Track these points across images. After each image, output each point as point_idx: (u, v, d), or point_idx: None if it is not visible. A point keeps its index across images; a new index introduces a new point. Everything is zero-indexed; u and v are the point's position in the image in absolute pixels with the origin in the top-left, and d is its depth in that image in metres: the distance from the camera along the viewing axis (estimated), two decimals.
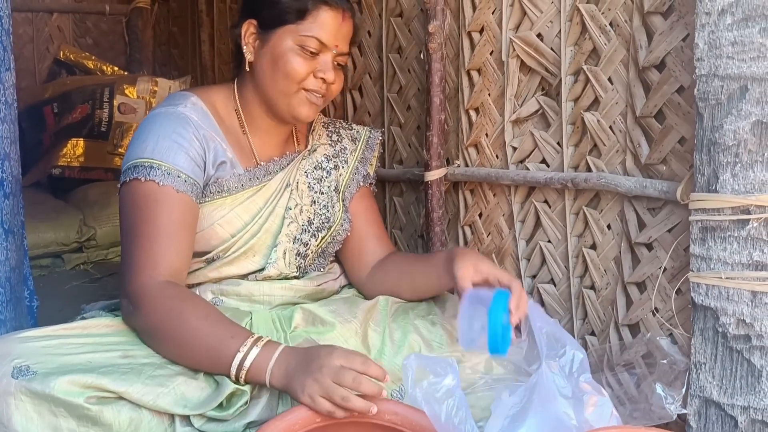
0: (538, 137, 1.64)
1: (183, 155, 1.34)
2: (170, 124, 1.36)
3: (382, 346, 1.36)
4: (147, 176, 1.30)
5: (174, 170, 1.31)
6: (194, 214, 1.35)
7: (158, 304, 1.23)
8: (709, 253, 1.14)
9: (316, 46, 1.38)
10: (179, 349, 1.22)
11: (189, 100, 1.42)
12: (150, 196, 1.30)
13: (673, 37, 1.28)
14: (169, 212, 1.30)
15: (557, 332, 1.24)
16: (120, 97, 3.32)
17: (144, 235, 1.29)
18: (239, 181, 1.43)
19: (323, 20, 1.38)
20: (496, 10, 1.71)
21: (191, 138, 1.36)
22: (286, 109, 1.42)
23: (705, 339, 1.16)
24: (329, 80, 1.40)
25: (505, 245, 1.77)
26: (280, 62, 1.38)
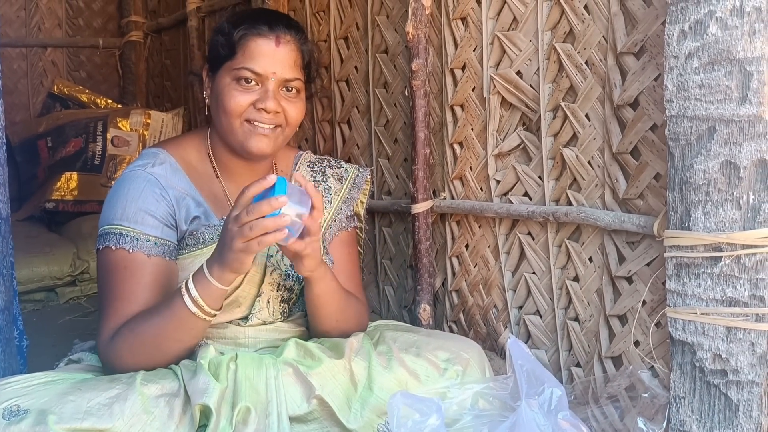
0: (520, 171, 1.67)
1: (150, 219, 1.35)
2: (137, 186, 1.37)
3: (369, 382, 1.37)
4: (117, 244, 1.33)
5: (143, 235, 1.33)
6: (167, 275, 1.36)
7: (116, 347, 1.29)
8: (685, 289, 1.16)
9: (251, 77, 1.35)
10: (158, 348, 1.27)
11: (158, 157, 1.42)
12: (120, 264, 1.33)
13: (645, 76, 1.32)
14: (140, 277, 1.32)
15: (537, 369, 1.26)
16: (113, 130, 3.35)
17: (112, 298, 1.33)
18: (215, 231, 1.41)
19: (253, 49, 1.36)
20: (477, 47, 1.75)
21: (159, 199, 1.37)
22: (238, 145, 1.40)
23: (683, 373, 1.18)
24: (269, 109, 1.35)
25: (492, 276, 1.79)
26: (220, 99, 1.38)
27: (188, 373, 1.25)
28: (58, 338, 2.39)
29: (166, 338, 1.26)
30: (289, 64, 1.39)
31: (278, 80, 1.38)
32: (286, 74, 1.38)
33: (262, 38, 1.37)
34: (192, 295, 1.21)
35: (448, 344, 1.48)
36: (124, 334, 1.28)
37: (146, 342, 1.26)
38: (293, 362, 1.34)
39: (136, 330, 1.26)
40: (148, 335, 1.26)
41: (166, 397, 1.23)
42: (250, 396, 1.26)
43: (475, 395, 1.39)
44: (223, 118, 1.38)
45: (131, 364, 1.28)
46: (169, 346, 1.28)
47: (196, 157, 1.46)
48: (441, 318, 1.98)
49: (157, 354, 1.29)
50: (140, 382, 1.23)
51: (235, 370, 1.29)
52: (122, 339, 1.28)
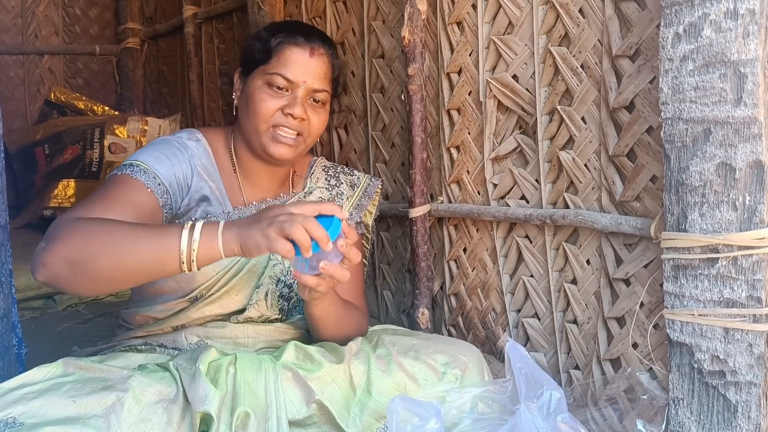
0: (517, 174, 1.67)
1: (167, 166, 1.38)
2: (168, 145, 1.43)
3: (368, 386, 1.37)
4: (125, 171, 1.34)
5: (151, 171, 1.35)
6: (153, 214, 1.33)
7: (80, 225, 1.15)
8: (682, 291, 1.17)
9: (282, 83, 1.43)
10: (114, 253, 1.12)
11: (195, 135, 1.50)
12: (118, 180, 1.32)
13: (640, 79, 1.32)
14: (129, 193, 1.29)
15: (536, 372, 1.26)
16: (110, 136, 3.35)
17: (94, 198, 1.27)
18: (228, 218, 1.46)
19: (288, 57, 1.44)
20: (473, 52, 1.76)
21: (183, 160, 1.42)
22: (260, 147, 1.46)
23: (682, 375, 1.18)
24: (296, 115, 1.42)
25: (490, 279, 1.79)
26: (250, 100, 1.45)
27: (187, 378, 1.25)
28: (57, 345, 2.39)
29: (133, 251, 1.13)
30: (320, 75, 1.46)
31: (308, 89, 1.44)
32: (315, 84, 1.45)
33: (298, 47, 1.45)
34: (193, 236, 1.14)
35: (446, 348, 1.48)
36: (95, 220, 1.17)
37: (112, 238, 1.13)
38: (292, 366, 1.34)
39: (113, 224, 1.16)
40: (119, 234, 1.14)
41: (163, 403, 1.22)
42: (249, 401, 1.26)
43: (474, 399, 1.39)
44: (252, 119, 1.44)
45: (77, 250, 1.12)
46: (126, 261, 1.13)
47: (221, 149, 1.53)
48: (440, 322, 1.98)
49: (107, 257, 1.13)
50: (136, 386, 1.22)
51: (234, 374, 1.29)
52: (89, 222, 1.15)
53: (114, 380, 1.24)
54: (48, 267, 1.13)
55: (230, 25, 3.06)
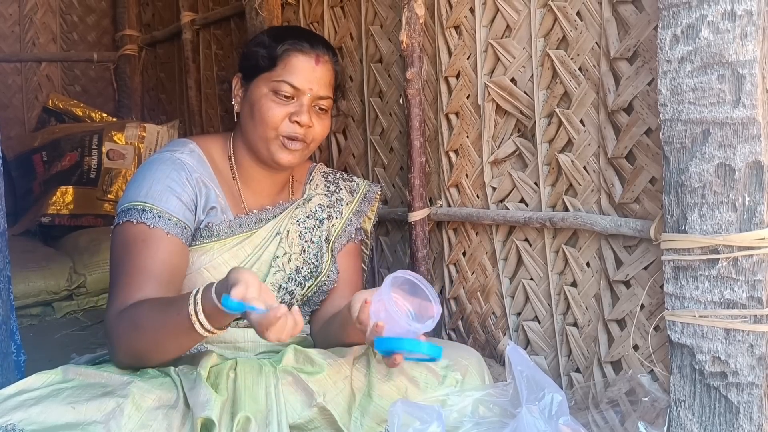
0: (516, 178, 1.67)
1: (175, 200, 1.38)
2: (165, 169, 1.41)
3: (369, 389, 1.37)
4: (139, 219, 1.34)
5: (165, 214, 1.36)
6: (183, 257, 1.38)
7: (119, 326, 1.27)
8: (682, 292, 1.17)
9: (289, 91, 1.43)
10: (154, 344, 1.25)
11: (187, 146, 1.48)
12: (139, 237, 1.34)
13: (639, 81, 1.33)
14: (155, 252, 1.33)
15: (537, 375, 1.26)
16: (108, 143, 3.35)
17: (126, 272, 1.32)
18: (229, 227, 1.46)
19: (294, 65, 1.45)
20: (471, 55, 1.76)
21: (184, 183, 1.41)
22: (266, 155, 1.46)
23: (683, 376, 1.18)
24: (303, 123, 1.43)
25: (490, 283, 1.79)
26: (256, 108, 1.45)
27: (188, 383, 1.25)
28: (55, 353, 2.38)
29: (164, 337, 1.24)
30: (325, 82, 1.47)
31: (313, 96, 1.46)
32: (321, 91, 1.46)
33: (304, 55, 1.46)
34: (196, 309, 1.18)
35: (447, 351, 1.47)
36: (128, 319, 1.27)
37: (146, 334, 1.25)
38: (293, 370, 1.34)
39: (138, 320, 1.25)
40: (148, 329, 1.24)
41: (163, 409, 1.22)
42: (249, 405, 1.25)
43: (475, 402, 1.39)
44: (258, 127, 1.45)
45: (129, 348, 1.27)
46: (165, 345, 1.27)
47: (219, 156, 1.53)
48: (439, 326, 1.98)
49: (153, 348, 1.27)
50: (135, 392, 1.22)
51: (235, 379, 1.29)
52: (125, 322, 1.27)
53: (114, 386, 1.24)
54: (121, 364, 1.31)
55: (228, 32, 3.06)
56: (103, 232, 3.15)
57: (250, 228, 1.49)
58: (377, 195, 1.71)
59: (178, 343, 1.26)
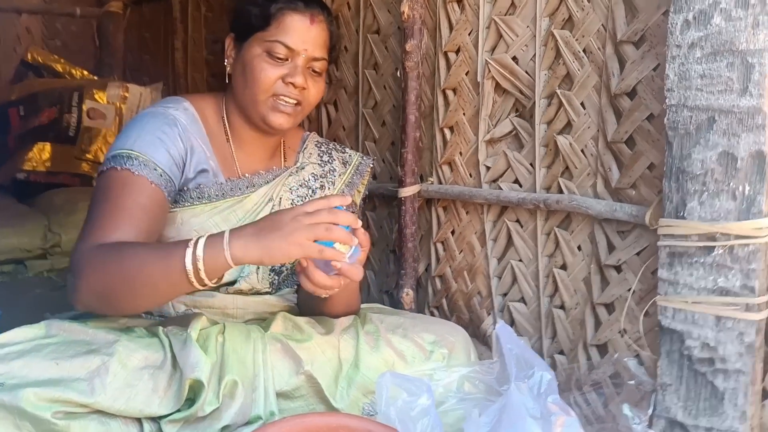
0: (511, 158, 1.67)
1: (163, 151, 1.34)
2: (156, 121, 1.37)
3: (356, 360, 1.36)
4: (123, 165, 1.30)
5: (151, 163, 1.31)
6: (162, 208, 1.33)
7: (95, 258, 1.18)
8: (676, 278, 1.17)
9: (283, 51, 1.40)
10: (133, 285, 1.16)
11: (181, 104, 1.44)
12: (120, 181, 1.29)
13: (644, 66, 1.32)
14: (136, 196, 1.28)
15: (526, 354, 1.27)
16: (89, 101, 3.27)
17: (102, 212, 1.26)
18: (220, 189, 1.43)
19: (288, 24, 1.40)
20: (473, 31, 1.74)
21: (175, 137, 1.37)
22: (258, 117, 1.43)
23: (671, 361, 1.19)
24: (297, 84, 1.39)
25: (477, 263, 1.79)
26: (248, 69, 1.41)
27: (177, 344, 1.23)
28: (28, 312, 2.32)
29: (147, 278, 1.16)
30: (319, 43, 1.43)
31: (308, 57, 1.41)
32: (315, 52, 1.42)
33: (298, 14, 1.41)
34: (196, 253, 1.13)
35: (433, 327, 1.48)
36: (107, 252, 1.18)
37: (126, 271, 1.16)
38: (281, 337, 1.33)
39: (124, 254, 1.17)
40: (132, 265, 1.16)
41: (149, 369, 1.20)
42: (237, 369, 1.24)
43: (461, 378, 1.39)
44: (251, 88, 1.40)
45: (99, 286, 1.17)
46: (144, 288, 1.17)
47: (212, 117, 1.49)
48: (422, 303, 1.98)
49: (128, 288, 1.17)
50: (122, 351, 1.19)
51: (223, 343, 1.27)
52: (103, 256, 1.17)
53: (99, 344, 1.21)
54: (80, 303, 1.22)
55: None
56: (81, 191, 3.08)
57: (242, 192, 1.47)
58: (369, 167, 1.69)
59: (157, 289, 1.17)
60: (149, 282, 1.16)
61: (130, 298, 1.19)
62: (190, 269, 1.13)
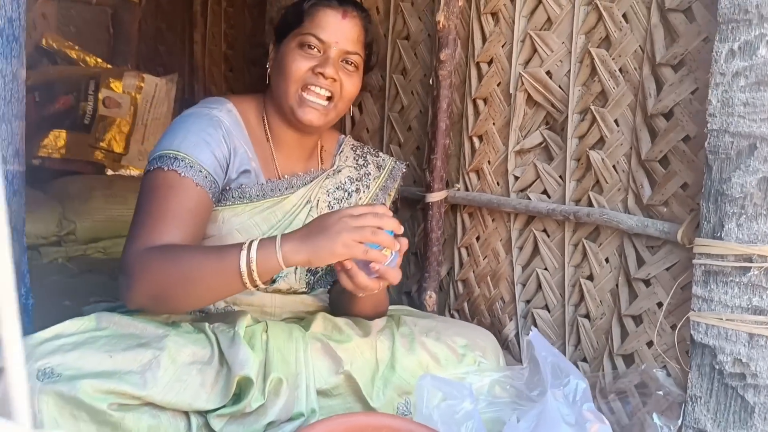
0: (540, 169, 1.71)
1: (208, 153, 1.37)
2: (201, 122, 1.40)
3: (392, 361, 1.41)
4: (170, 166, 1.33)
5: (197, 164, 1.34)
6: (207, 210, 1.37)
7: (150, 261, 1.23)
8: (711, 295, 1.22)
9: (315, 43, 1.44)
10: (188, 286, 1.21)
11: (225, 105, 1.47)
12: (168, 183, 1.32)
13: (682, 89, 1.37)
14: (182, 199, 1.31)
15: (561, 362, 1.31)
16: (105, 90, 3.28)
17: (150, 214, 1.30)
18: (261, 190, 1.47)
19: (320, 18, 1.45)
20: (506, 44, 1.78)
21: (220, 139, 1.40)
22: (290, 111, 1.45)
23: (702, 374, 1.25)
24: (327, 74, 1.42)
25: (501, 269, 1.84)
26: (282, 62, 1.46)
27: (225, 341, 1.26)
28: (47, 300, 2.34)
29: (202, 280, 1.21)
30: (352, 37, 1.46)
31: (340, 50, 1.44)
32: (348, 46, 1.45)
33: (330, 9, 1.46)
34: (249, 256, 1.19)
35: (464, 332, 1.53)
36: (161, 255, 1.23)
37: (182, 272, 1.21)
38: (321, 337, 1.37)
39: (179, 257, 1.22)
40: (187, 267, 1.21)
41: (198, 365, 1.23)
42: (281, 367, 1.28)
43: (492, 382, 1.44)
44: (282, 81, 1.44)
45: (153, 286, 1.22)
46: (199, 289, 1.23)
47: (253, 118, 1.52)
48: (443, 306, 2.02)
49: (183, 289, 1.23)
50: (171, 346, 1.23)
51: (267, 341, 1.31)
52: (159, 258, 1.22)
53: (149, 338, 1.24)
54: (134, 303, 1.26)
55: None
56: (95, 179, 3.10)
57: (281, 193, 1.50)
58: (402, 172, 1.73)
59: (213, 289, 1.23)
60: (204, 284, 1.21)
61: (184, 298, 1.24)
62: (244, 270, 1.18)
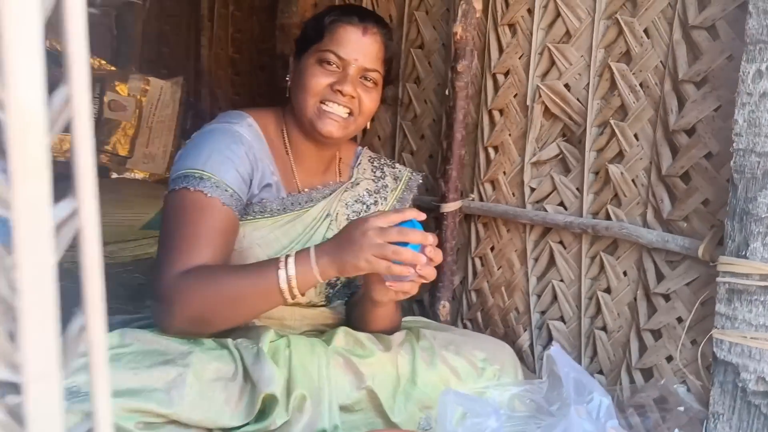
0: (557, 181, 1.72)
1: (233, 171, 1.37)
2: (225, 139, 1.40)
3: (413, 376, 1.41)
4: (196, 186, 1.33)
5: (223, 184, 1.34)
6: (235, 229, 1.38)
7: (191, 285, 1.24)
8: (735, 313, 1.23)
9: (334, 60, 1.43)
10: (231, 307, 1.25)
11: (245, 120, 1.46)
12: (196, 204, 1.32)
13: (705, 106, 1.38)
14: (211, 220, 1.32)
15: (584, 378, 1.32)
16: (110, 93, 3.26)
17: (182, 237, 1.30)
18: (282, 204, 1.46)
19: (340, 35, 1.44)
20: (523, 55, 1.79)
21: (243, 156, 1.40)
22: (309, 124, 1.45)
23: (724, 392, 1.25)
24: (346, 92, 1.42)
25: (516, 280, 1.84)
26: (302, 77, 1.45)
27: (249, 357, 1.26)
28: None
29: (243, 300, 1.25)
30: (372, 54, 1.45)
31: (359, 67, 1.44)
32: (367, 63, 1.44)
33: (351, 26, 1.45)
34: (288, 273, 1.21)
35: (483, 345, 1.53)
36: (198, 278, 1.24)
37: (223, 295, 1.23)
38: (343, 352, 1.37)
39: (218, 279, 1.24)
40: (228, 289, 1.24)
41: (222, 381, 1.23)
42: (304, 383, 1.28)
43: (511, 397, 1.45)
44: (301, 95, 1.44)
45: (195, 310, 1.24)
46: (242, 309, 1.27)
47: (273, 131, 1.52)
48: (456, 315, 2.03)
49: (226, 311, 1.26)
50: (196, 362, 1.23)
51: (290, 356, 1.31)
52: (198, 282, 1.24)
53: (173, 355, 1.24)
54: (173, 328, 1.28)
55: None
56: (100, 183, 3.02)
57: (301, 207, 1.50)
58: (419, 182, 1.73)
59: (256, 306, 1.27)
60: (247, 303, 1.25)
61: (227, 319, 1.28)
62: (285, 288, 1.21)
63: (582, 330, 1.67)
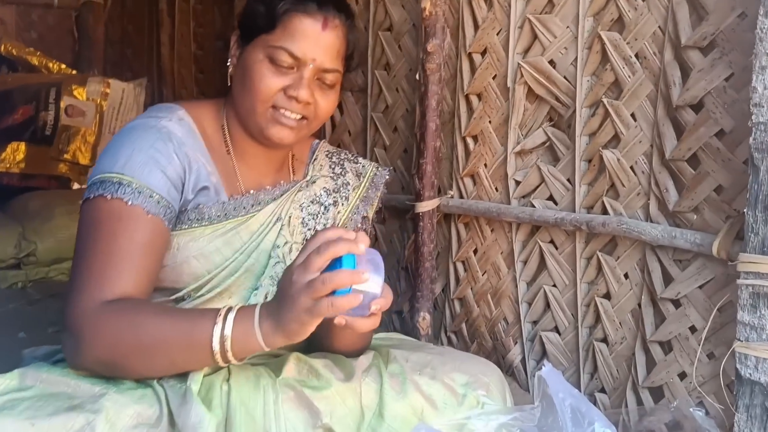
0: (545, 172, 1.50)
1: (159, 173, 1.16)
2: (149, 137, 1.18)
3: (380, 408, 1.20)
4: (114, 193, 1.12)
5: (146, 189, 1.13)
6: (163, 240, 1.17)
7: (104, 323, 1.04)
8: (761, 322, 1.02)
9: (287, 60, 1.19)
10: (146, 358, 1.04)
11: (176, 113, 1.24)
12: (113, 215, 1.12)
13: (714, 75, 1.16)
14: (132, 233, 1.12)
15: (582, 405, 1.11)
16: (67, 98, 3.05)
17: (96, 255, 1.10)
18: (223, 209, 1.24)
19: (295, 29, 1.20)
20: (502, 31, 1.57)
21: (171, 155, 1.18)
22: (257, 130, 1.24)
23: (751, 417, 1.04)
24: (301, 99, 1.20)
25: (503, 286, 1.63)
26: (248, 75, 1.22)
27: (175, 398, 1.04)
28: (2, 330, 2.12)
29: (164, 351, 1.03)
30: (332, 52, 1.21)
31: (316, 68, 1.20)
32: (326, 63, 1.20)
33: (309, 17, 1.20)
34: (224, 332, 0.99)
35: (465, 366, 1.31)
36: (116, 316, 1.04)
37: (141, 341, 1.03)
38: (295, 384, 1.15)
39: (139, 320, 1.04)
40: (148, 335, 1.03)
41: (143, 428, 1.02)
42: (245, 426, 1.06)
43: (499, 426, 1.23)
44: (248, 97, 1.21)
45: (110, 352, 1.04)
46: (160, 361, 1.05)
47: (211, 127, 1.28)
48: (439, 327, 1.81)
49: (141, 359, 1.05)
50: (110, 407, 1.01)
51: (228, 393, 1.09)
52: (114, 319, 1.04)
53: (82, 398, 1.02)
54: (82, 368, 1.08)
55: None
56: (58, 195, 2.87)
57: (247, 211, 1.28)
58: (385, 179, 1.51)
59: (177, 366, 1.06)
60: (168, 357, 1.03)
61: (142, 370, 1.06)
62: (217, 349, 0.99)
63: (580, 342, 1.46)
